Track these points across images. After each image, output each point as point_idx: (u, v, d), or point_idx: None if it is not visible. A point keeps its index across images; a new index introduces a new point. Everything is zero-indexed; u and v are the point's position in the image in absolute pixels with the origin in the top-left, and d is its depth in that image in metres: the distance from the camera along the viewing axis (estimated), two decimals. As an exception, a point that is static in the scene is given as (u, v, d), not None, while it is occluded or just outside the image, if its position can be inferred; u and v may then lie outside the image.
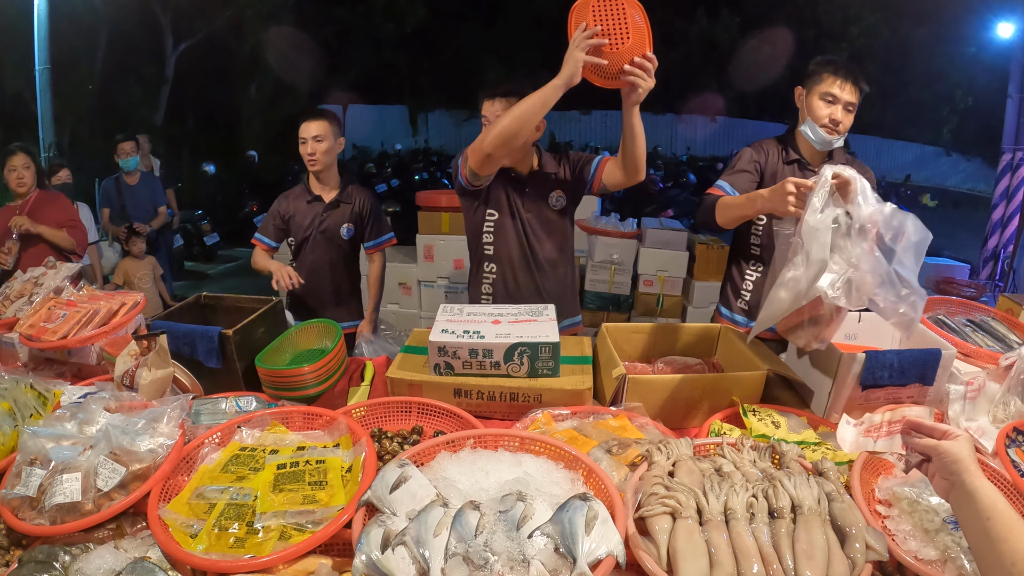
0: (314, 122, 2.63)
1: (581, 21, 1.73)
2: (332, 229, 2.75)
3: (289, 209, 2.76)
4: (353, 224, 2.79)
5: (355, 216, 2.80)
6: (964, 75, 16.50)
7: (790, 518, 1.06)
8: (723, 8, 20.28)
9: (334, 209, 2.76)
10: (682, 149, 20.93)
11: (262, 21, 13.72)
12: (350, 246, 2.84)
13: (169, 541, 1.10)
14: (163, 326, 1.81)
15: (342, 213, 2.77)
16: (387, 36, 17.52)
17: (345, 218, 2.77)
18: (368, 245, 2.90)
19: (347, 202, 2.78)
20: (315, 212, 2.75)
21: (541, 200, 2.27)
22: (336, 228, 2.76)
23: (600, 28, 1.71)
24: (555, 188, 2.28)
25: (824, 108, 2.03)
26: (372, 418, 1.61)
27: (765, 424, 1.52)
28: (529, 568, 0.95)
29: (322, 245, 2.77)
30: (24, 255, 3.29)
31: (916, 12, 15.39)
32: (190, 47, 13.12)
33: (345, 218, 2.77)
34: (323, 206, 2.75)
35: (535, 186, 2.26)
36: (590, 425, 1.49)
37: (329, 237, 2.76)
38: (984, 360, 1.81)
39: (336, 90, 17.14)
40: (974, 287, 5.37)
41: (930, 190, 16.22)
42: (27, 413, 1.45)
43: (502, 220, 2.27)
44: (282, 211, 2.76)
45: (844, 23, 18.31)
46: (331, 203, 2.75)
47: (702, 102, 19.86)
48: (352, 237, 2.81)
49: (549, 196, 2.28)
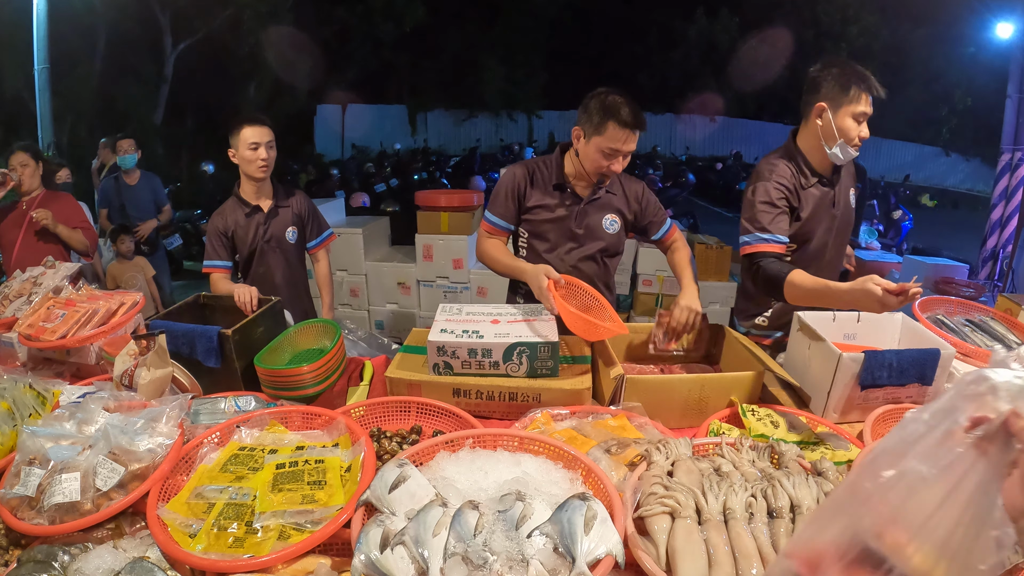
0: (263, 127, 2.54)
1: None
2: (278, 236, 2.69)
3: (229, 225, 2.64)
4: (296, 227, 2.74)
5: (296, 219, 2.74)
6: (963, 75, 16.53)
7: (789, 518, 1.06)
8: (722, 8, 20.31)
9: (274, 217, 2.69)
10: (681, 149, 20.96)
11: (261, 21, 13.73)
12: (296, 250, 2.78)
13: (168, 541, 1.10)
14: (162, 326, 1.81)
15: (284, 218, 2.71)
16: (386, 36, 17.54)
17: (288, 222, 2.71)
18: (312, 245, 2.84)
19: (285, 206, 2.72)
20: (257, 222, 2.66)
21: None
22: (281, 234, 2.70)
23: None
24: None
25: (856, 128, 1.93)
26: (371, 418, 1.61)
27: (764, 424, 1.53)
28: (528, 568, 0.95)
29: (269, 254, 2.70)
30: (29, 252, 3.29)
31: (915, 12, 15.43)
32: (189, 47, 13.13)
33: (288, 222, 2.71)
34: (263, 215, 2.67)
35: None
36: (589, 425, 1.49)
37: (275, 245, 2.69)
38: (983, 360, 1.81)
39: (335, 90, 17.16)
40: (973, 287, 5.38)
41: (929, 190, 16.23)
42: (26, 413, 1.45)
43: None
44: (222, 229, 2.63)
45: (843, 23, 18.33)
46: (270, 210, 2.68)
47: (701, 102, 19.89)
48: (297, 240, 2.76)
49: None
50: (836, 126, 1.93)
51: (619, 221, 2.23)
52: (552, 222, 2.19)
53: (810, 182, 2.03)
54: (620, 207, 2.23)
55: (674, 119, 21.59)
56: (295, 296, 2.76)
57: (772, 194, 1.97)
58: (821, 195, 2.05)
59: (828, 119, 1.94)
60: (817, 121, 1.98)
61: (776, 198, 1.97)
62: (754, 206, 1.97)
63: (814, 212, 2.04)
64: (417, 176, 12.71)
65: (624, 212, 2.24)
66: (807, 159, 2.04)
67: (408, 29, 17.35)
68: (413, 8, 17.09)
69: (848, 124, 1.92)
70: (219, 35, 13.28)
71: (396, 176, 12.45)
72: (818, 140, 1.99)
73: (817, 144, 2.01)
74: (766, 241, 1.93)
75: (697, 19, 20.84)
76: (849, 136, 1.93)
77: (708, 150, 20.47)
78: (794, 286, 1.77)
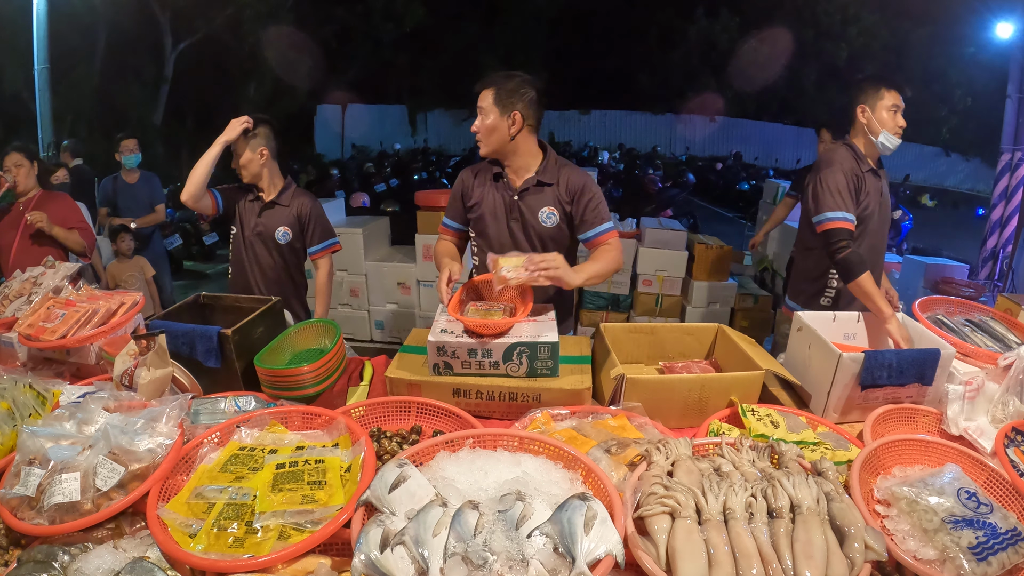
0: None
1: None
2: (267, 231, 2.71)
3: (239, 196, 2.73)
4: (289, 228, 2.74)
5: (292, 220, 2.72)
6: (963, 75, 16.54)
7: (789, 518, 1.06)
8: (722, 8, 20.29)
9: (269, 210, 2.72)
10: (681, 149, 20.94)
11: (261, 20, 13.72)
12: (289, 252, 2.77)
13: (168, 541, 1.10)
14: (162, 326, 1.81)
15: (277, 216, 2.72)
16: (386, 36, 17.53)
17: (281, 221, 2.71)
18: (312, 250, 2.83)
19: (284, 205, 2.72)
20: (253, 210, 2.73)
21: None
22: (271, 230, 2.70)
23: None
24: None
25: (893, 119, 2.31)
26: (371, 418, 1.61)
27: (764, 424, 1.53)
28: (528, 568, 0.95)
29: (257, 246, 2.72)
30: (26, 254, 3.27)
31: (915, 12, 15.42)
32: (189, 46, 13.13)
33: (281, 221, 2.71)
34: (261, 205, 2.72)
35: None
36: (589, 425, 1.49)
37: (263, 239, 2.72)
38: (983, 360, 1.81)
39: (335, 90, 17.15)
40: (973, 287, 5.37)
41: (929, 190, 16.24)
42: (26, 413, 1.45)
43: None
44: (241, 192, 2.73)
45: (843, 23, 18.33)
46: (268, 203, 2.72)
47: (701, 102, 19.88)
48: (289, 242, 2.75)
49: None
50: (876, 119, 2.32)
51: (556, 214, 2.15)
52: (490, 213, 2.19)
53: (867, 167, 2.38)
54: (557, 198, 2.14)
55: (674, 119, 21.57)
56: (281, 297, 2.77)
57: (840, 180, 2.31)
58: (874, 182, 2.40)
59: (869, 115, 2.34)
60: (862, 119, 2.36)
61: (844, 182, 2.31)
62: (828, 188, 2.31)
63: (871, 195, 2.38)
64: (417, 176, 12.72)
65: (562, 204, 2.15)
66: (864, 156, 2.39)
67: (408, 29, 17.34)
68: (413, 8, 17.08)
69: (886, 117, 2.31)
70: (219, 35, 13.28)
71: (396, 176, 12.46)
72: (866, 136, 2.37)
73: (865, 139, 2.38)
74: (846, 220, 2.28)
75: (697, 19, 20.83)
76: (890, 126, 2.31)
77: (708, 150, 20.46)
78: (861, 289, 2.16)
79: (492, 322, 1.72)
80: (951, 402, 1.56)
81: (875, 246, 2.44)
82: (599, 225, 2.12)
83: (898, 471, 1.32)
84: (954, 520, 1.13)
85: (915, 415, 1.64)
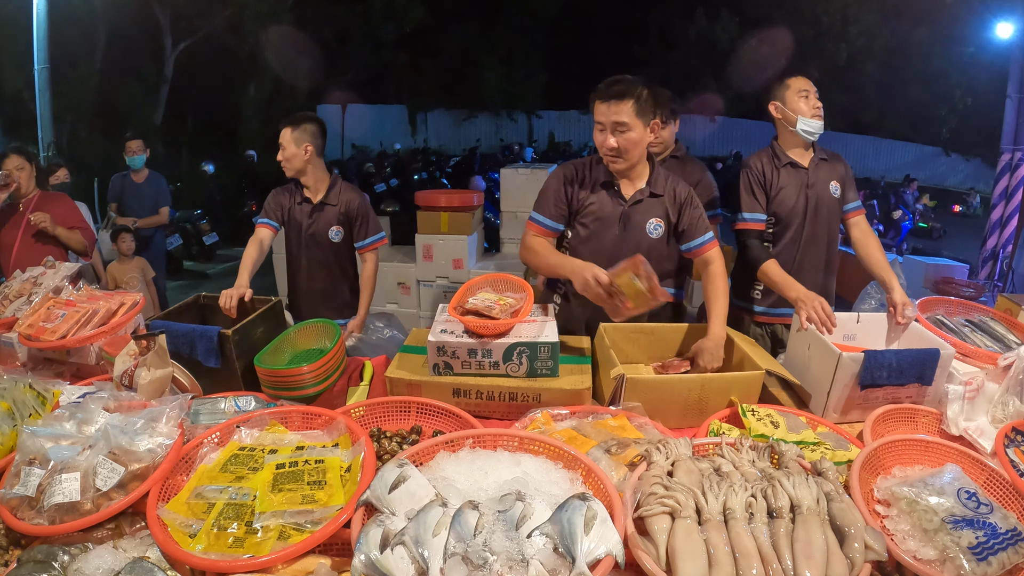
0: (284, 128, 2.68)
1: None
2: (320, 232, 2.79)
3: (286, 204, 2.79)
4: (340, 226, 2.81)
5: (341, 218, 2.80)
6: (963, 75, 16.51)
7: (789, 518, 1.06)
8: (722, 8, 20.27)
9: (319, 212, 2.79)
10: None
11: (261, 21, 13.70)
12: (344, 248, 2.84)
13: (168, 541, 1.10)
14: (162, 326, 1.81)
15: (328, 216, 2.78)
16: (386, 36, 17.50)
17: (332, 221, 2.79)
18: (359, 245, 2.88)
19: (332, 204, 2.79)
20: (304, 213, 2.79)
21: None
22: (324, 231, 2.78)
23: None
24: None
25: (807, 103, 2.31)
26: (371, 418, 1.61)
27: (764, 424, 1.53)
28: (528, 568, 0.95)
29: (315, 248, 2.80)
30: (25, 256, 3.28)
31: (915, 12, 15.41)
32: (189, 46, 13.11)
33: (332, 221, 2.79)
34: (311, 207, 2.79)
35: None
36: (589, 425, 1.49)
37: (319, 240, 2.80)
38: (983, 360, 1.81)
39: (335, 90, 17.12)
40: (973, 287, 5.37)
41: (929, 190, 16.23)
42: (26, 413, 1.45)
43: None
44: (283, 202, 2.80)
45: (843, 23, 18.30)
46: (317, 205, 2.79)
47: (701, 102, 19.84)
48: (342, 239, 2.82)
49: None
50: (790, 109, 2.31)
51: (663, 225, 2.10)
52: (599, 220, 2.10)
53: (785, 160, 2.38)
54: (664, 209, 2.10)
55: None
56: (334, 291, 2.85)
57: (750, 181, 2.37)
58: (793, 174, 2.37)
59: (782, 108, 2.33)
60: (777, 115, 2.36)
61: (754, 183, 2.37)
62: (738, 191, 2.40)
63: (788, 188, 2.37)
64: (417, 176, 12.70)
65: (669, 215, 2.10)
66: (782, 149, 2.40)
67: (408, 29, 17.32)
68: (413, 8, 17.06)
69: (796, 102, 2.31)
70: (219, 35, 13.26)
71: (396, 176, 12.44)
72: (786, 130, 2.36)
73: (787, 133, 2.37)
74: (752, 220, 2.36)
75: (697, 19, 20.80)
76: (803, 110, 2.30)
77: (708, 150, 20.43)
78: (767, 276, 2.24)
79: (492, 322, 1.72)
80: (951, 402, 1.57)
81: (814, 235, 2.38)
82: (701, 236, 2.09)
83: (898, 471, 1.32)
84: (954, 520, 1.13)
85: (915, 415, 1.64)
